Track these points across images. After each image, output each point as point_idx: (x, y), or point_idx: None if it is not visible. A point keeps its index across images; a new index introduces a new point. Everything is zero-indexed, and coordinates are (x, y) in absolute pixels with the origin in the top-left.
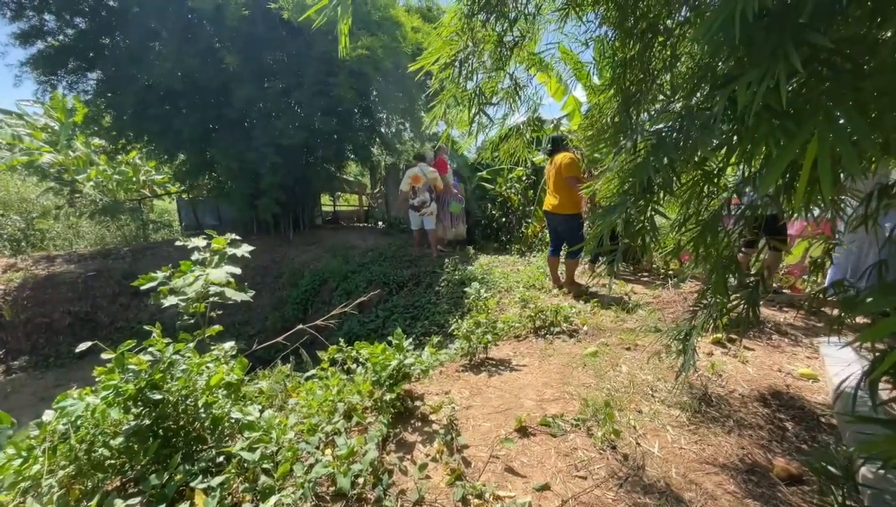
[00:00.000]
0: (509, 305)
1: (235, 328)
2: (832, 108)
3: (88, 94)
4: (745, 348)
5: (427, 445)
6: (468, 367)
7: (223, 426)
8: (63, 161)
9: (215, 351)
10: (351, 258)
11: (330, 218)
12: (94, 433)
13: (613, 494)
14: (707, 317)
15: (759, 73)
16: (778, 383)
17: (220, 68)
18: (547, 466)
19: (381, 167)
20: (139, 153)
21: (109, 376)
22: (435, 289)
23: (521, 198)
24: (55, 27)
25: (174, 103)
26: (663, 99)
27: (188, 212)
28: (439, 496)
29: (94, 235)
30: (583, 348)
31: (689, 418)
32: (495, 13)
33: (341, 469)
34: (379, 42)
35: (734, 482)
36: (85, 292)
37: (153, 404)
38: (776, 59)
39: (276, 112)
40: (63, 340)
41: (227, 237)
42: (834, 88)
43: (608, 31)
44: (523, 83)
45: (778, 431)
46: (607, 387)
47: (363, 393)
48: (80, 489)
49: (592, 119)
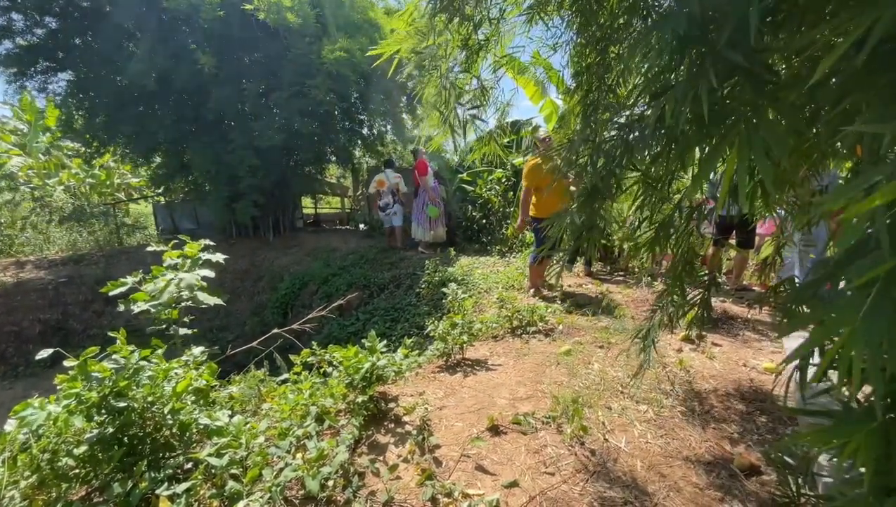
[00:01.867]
0: (488, 305)
1: (213, 334)
2: (750, 119)
3: (60, 95)
4: (714, 345)
5: (399, 446)
6: (444, 368)
7: (191, 433)
8: (33, 165)
9: (184, 357)
10: (332, 261)
11: (311, 220)
12: (56, 443)
13: (580, 489)
14: (663, 316)
15: (682, 88)
16: (742, 377)
17: (196, 69)
18: (517, 463)
19: (363, 169)
20: (113, 156)
21: (72, 383)
22: (415, 291)
23: (500, 200)
24: (24, 27)
25: (149, 105)
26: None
27: (165, 216)
28: (409, 497)
29: (65, 240)
30: (557, 346)
31: (657, 413)
32: (458, 15)
33: (310, 472)
34: (357, 44)
35: (697, 474)
36: (56, 299)
37: (117, 411)
38: (699, 74)
39: (254, 114)
40: (33, 348)
41: (201, 243)
42: (754, 100)
43: (573, 37)
44: (490, 85)
45: (741, 424)
46: (579, 385)
47: (336, 396)
48: (43, 500)
49: (563, 124)
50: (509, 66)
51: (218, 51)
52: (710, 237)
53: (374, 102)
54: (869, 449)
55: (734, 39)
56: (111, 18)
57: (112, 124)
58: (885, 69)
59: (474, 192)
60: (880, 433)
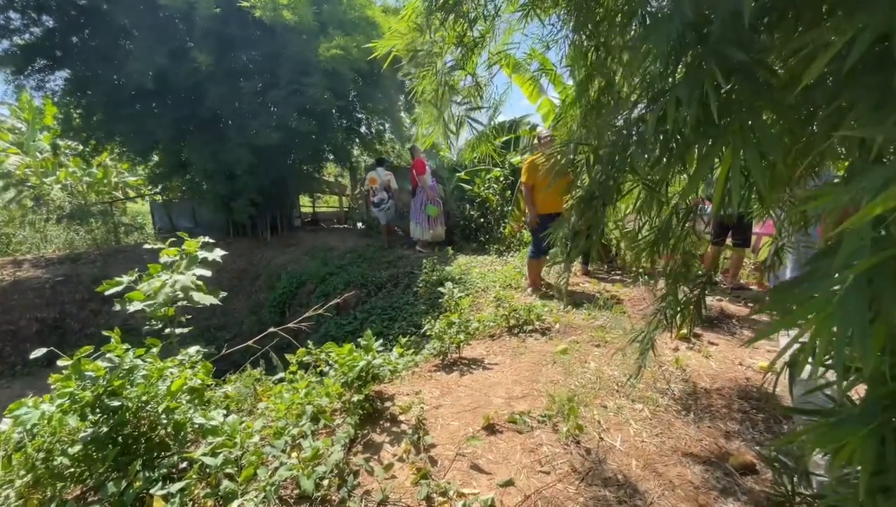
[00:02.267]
0: (485, 304)
1: (210, 333)
2: (746, 120)
3: (57, 94)
4: (710, 344)
5: (395, 445)
6: (441, 367)
7: (186, 432)
8: (30, 163)
9: (179, 356)
10: (330, 260)
11: (309, 219)
12: (51, 442)
13: (575, 488)
14: (660, 320)
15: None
16: (738, 376)
17: (193, 67)
18: (512, 462)
19: (360, 168)
20: (111, 154)
21: (66, 383)
22: (413, 290)
23: (498, 198)
24: (21, 25)
25: (146, 103)
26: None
27: (162, 214)
28: (404, 496)
29: (62, 239)
30: (554, 345)
31: (653, 412)
32: (454, 13)
33: (305, 472)
34: (354, 42)
35: (693, 472)
36: (53, 298)
37: (111, 410)
38: (699, 74)
39: (251, 112)
40: (30, 347)
41: (199, 240)
42: (751, 100)
43: (570, 35)
44: (485, 82)
45: (738, 422)
46: (575, 383)
47: (332, 395)
48: (38, 499)
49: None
50: (505, 64)
51: (215, 49)
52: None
53: (371, 101)
54: (865, 451)
55: (730, 37)
56: (109, 16)
57: (109, 122)
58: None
59: (472, 191)
60: (876, 436)
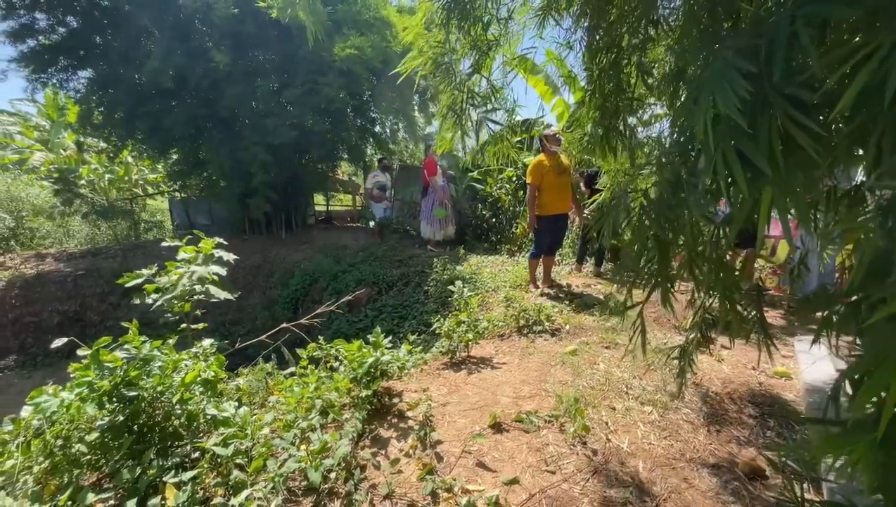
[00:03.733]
0: (495, 304)
1: (225, 328)
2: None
3: (79, 92)
4: (722, 347)
5: (402, 440)
6: (449, 365)
7: (198, 423)
8: (54, 160)
9: (194, 349)
10: (342, 258)
11: (323, 218)
12: (69, 429)
13: (580, 488)
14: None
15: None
16: (751, 381)
17: (211, 67)
18: (518, 461)
19: (374, 167)
20: (131, 152)
21: (84, 372)
22: (424, 289)
23: (511, 198)
24: (47, 26)
25: (165, 102)
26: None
27: (180, 211)
28: (409, 490)
29: (84, 233)
30: (563, 346)
31: (661, 414)
32: (469, 18)
33: (313, 464)
34: (368, 42)
35: (700, 476)
36: (74, 291)
37: (128, 400)
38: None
39: (267, 111)
40: (51, 339)
41: (215, 240)
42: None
43: (584, 36)
44: (499, 85)
45: (749, 427)
46: (583, 384)
47: (341, 390)
48: (55, 485)
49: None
50: (520, 67)
51: (232, 49)
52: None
53: (385, 100)
54: (869, 459)
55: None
56: (131, 17)
57: (130, 121)
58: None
59: (484, 190)
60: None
